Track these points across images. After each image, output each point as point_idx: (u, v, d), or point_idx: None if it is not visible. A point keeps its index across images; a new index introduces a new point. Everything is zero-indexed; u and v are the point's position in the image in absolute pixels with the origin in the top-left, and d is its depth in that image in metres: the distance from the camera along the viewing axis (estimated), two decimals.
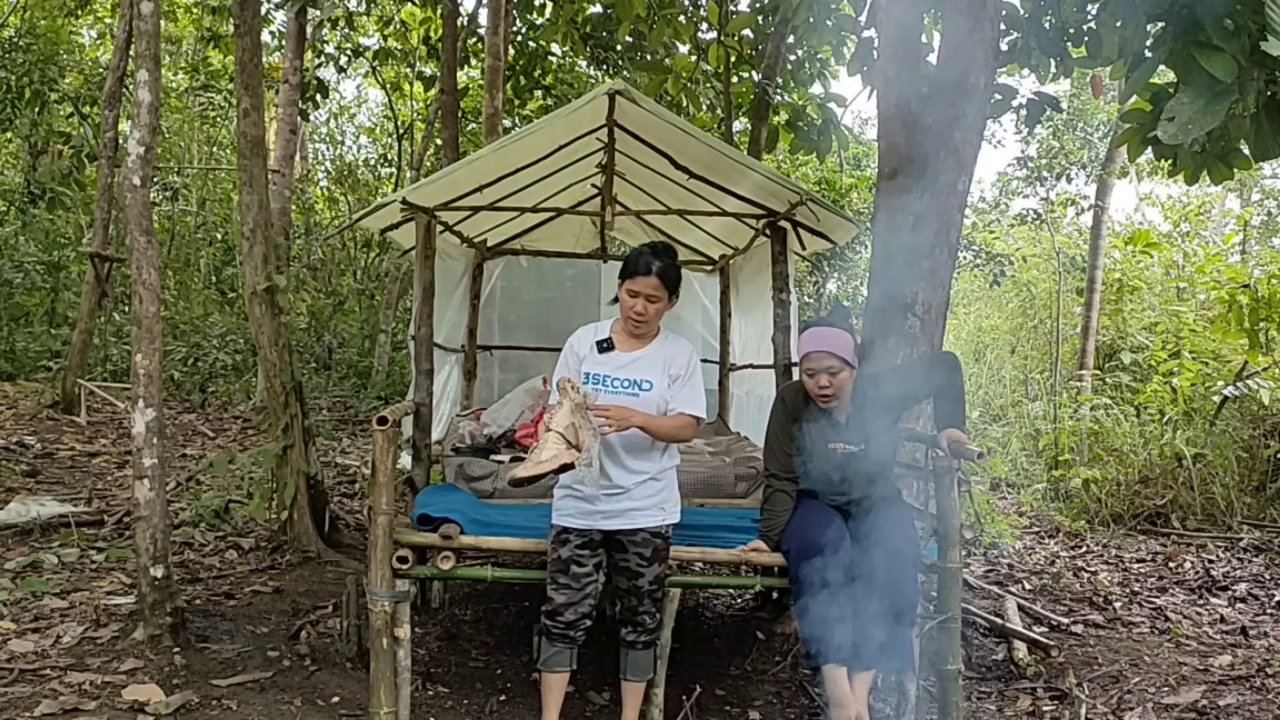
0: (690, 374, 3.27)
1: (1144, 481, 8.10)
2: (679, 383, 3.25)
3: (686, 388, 3.26)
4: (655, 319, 3.24)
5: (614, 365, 3.24)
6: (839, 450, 3.45)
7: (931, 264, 4.39)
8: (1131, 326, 11.19)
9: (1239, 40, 3.61)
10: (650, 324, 3.24)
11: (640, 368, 3.23)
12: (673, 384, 3.23)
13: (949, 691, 3.34)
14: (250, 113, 5.56)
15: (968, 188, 4.60)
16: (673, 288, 3.21)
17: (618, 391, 3.19)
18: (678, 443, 3.29)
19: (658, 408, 3.20)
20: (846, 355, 3.35)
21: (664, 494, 3.26)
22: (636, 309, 3.17)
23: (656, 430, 3.15)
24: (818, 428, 3.50)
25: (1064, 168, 14.15)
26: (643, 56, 9.97)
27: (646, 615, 3.33)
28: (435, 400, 5.07)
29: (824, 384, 3.35)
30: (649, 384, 3.21)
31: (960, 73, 4.38)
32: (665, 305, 3.22)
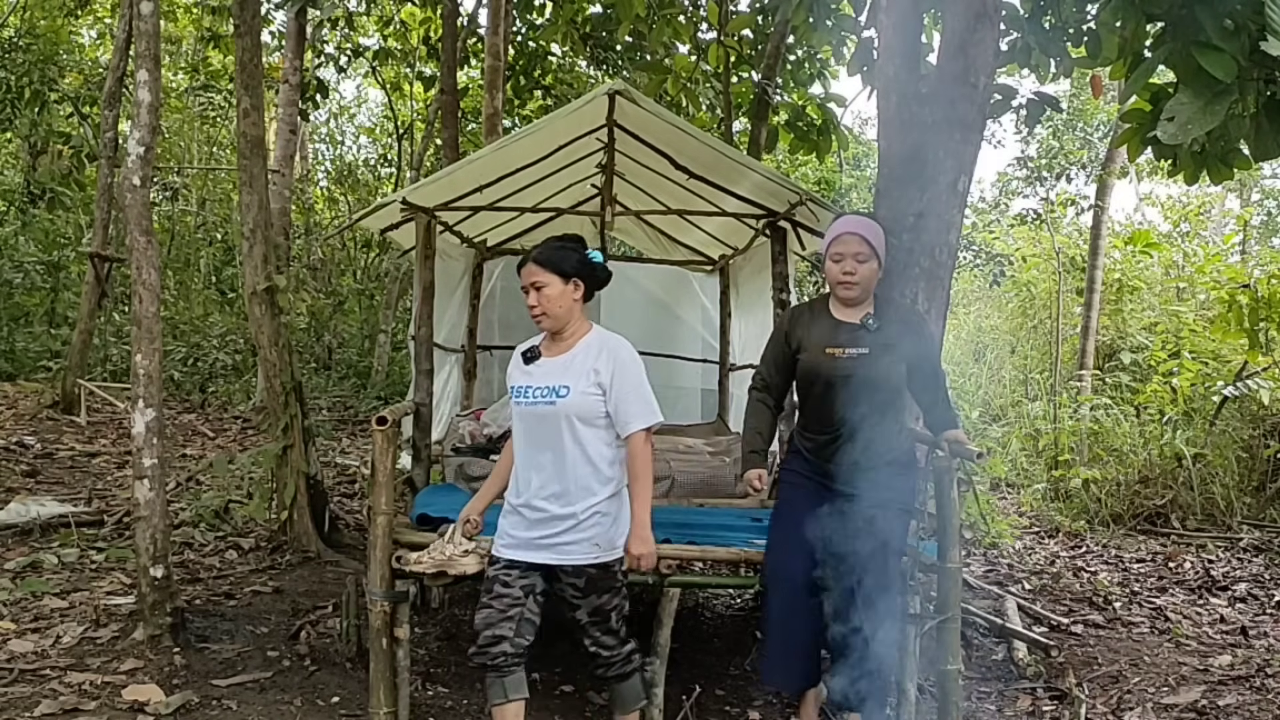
0: (625, 380, 2.94)
1: (1144, 481, 8.10)
2: (617, 394, 2.94)
3: (628, 399, 2.94)
4: (557, 311, 2.97)
5: (534, 375, 3.02)
6: (837, 355, 3.19)
7: (931, 264, 4.39)
8: (1131, 326, 11.19)
9: (1239, 40, 3.61)
10: (554, 319, 2.98)
11: (558, 373, 2.98)
12: (608, 395, 2.94)
13: (949, 691, 3.34)
14: (250, 113, 5.56)
15: (968, 188, 4.59)
16: (559, 270, 2.96)
17: (536, 402, 2.96)
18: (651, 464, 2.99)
19: (579, 414, 2.93)
20: (877, 245, 3.17)
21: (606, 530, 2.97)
22: (529, 303, 2.99)
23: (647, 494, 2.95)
24: (819, 330, 3.28)
25: (1064, 168, 14.16)
26: (642, 56, 9.98)
27: (601, 648, 3.06)
28: (435, 400, 5.07)
29: (849, 270, 3.15)
30: (565, 390, 2.93)
31: (960, 73, 4.38)
32: (561, 291, 2.95)
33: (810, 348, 3.24)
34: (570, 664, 4.27)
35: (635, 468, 2.96)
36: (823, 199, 4.77)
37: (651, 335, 6.98)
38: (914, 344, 3.20)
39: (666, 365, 6.96)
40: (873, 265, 3.17)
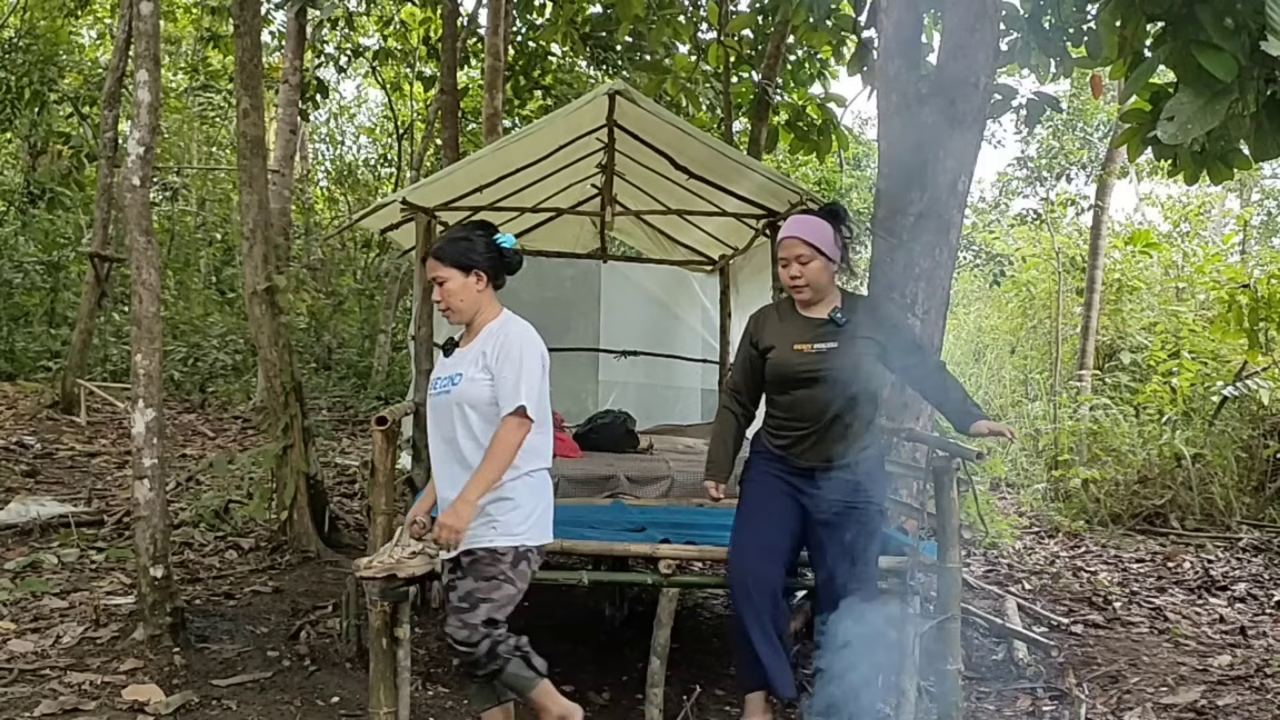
0: (506, 363, 2.85)
1: (1143, 481, 8.10)
2: (497, 377, 2.85)
3: (505, 382, 2.83)
4: (460, 305, 2.96)
5: (444, 367, 3.02)
6: (805, 351, 3.16)
7: (931, 264, 4.40)
8: (1131, 326, 11.18)
9: (1239, 40, 3.62)
10: (458, 312, 2.97)
11: (459, 361, 2.98)
12: (495, 377, 2.86)
13: (949, 691, 3.34)
14: (250, 113, 5.56)
15: (968, 188, 4.60)
16: (458, 263, 2.92)
17: (437, 393, 2.96)
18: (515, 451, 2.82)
19: (469, 401, 2.88)
20: (818, 243, 3.12)
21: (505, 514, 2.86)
22: (435, 299, 2.99)
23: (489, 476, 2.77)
24: (785, 329, 3.25)
25: (1064, 168, 14.15)
26: (642, 56, 9.97)
27: (453, 631, 2.86)
28: None
29: (795, 274, 3.14)
30: (459, 376, 2.91)
31: (960, 73, 4.38)
32: (463, 285, 2.92)
33: (779, 346, 3.22)
34: (570, 664, 4.26)
35: (492, 446, 2.79)
36: (823, 199, 4.77)
37: (651, 335, 6.99)
38: (884, 329, 3.19)
39: (666, 365, 6.96)
40: (818, 264, 3.13)
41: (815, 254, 3.11)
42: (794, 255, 3.13)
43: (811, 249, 3.11)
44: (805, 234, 3.12)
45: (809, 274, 3.13)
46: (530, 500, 2.90)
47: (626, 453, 5.15)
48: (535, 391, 2.84)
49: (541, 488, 2.97)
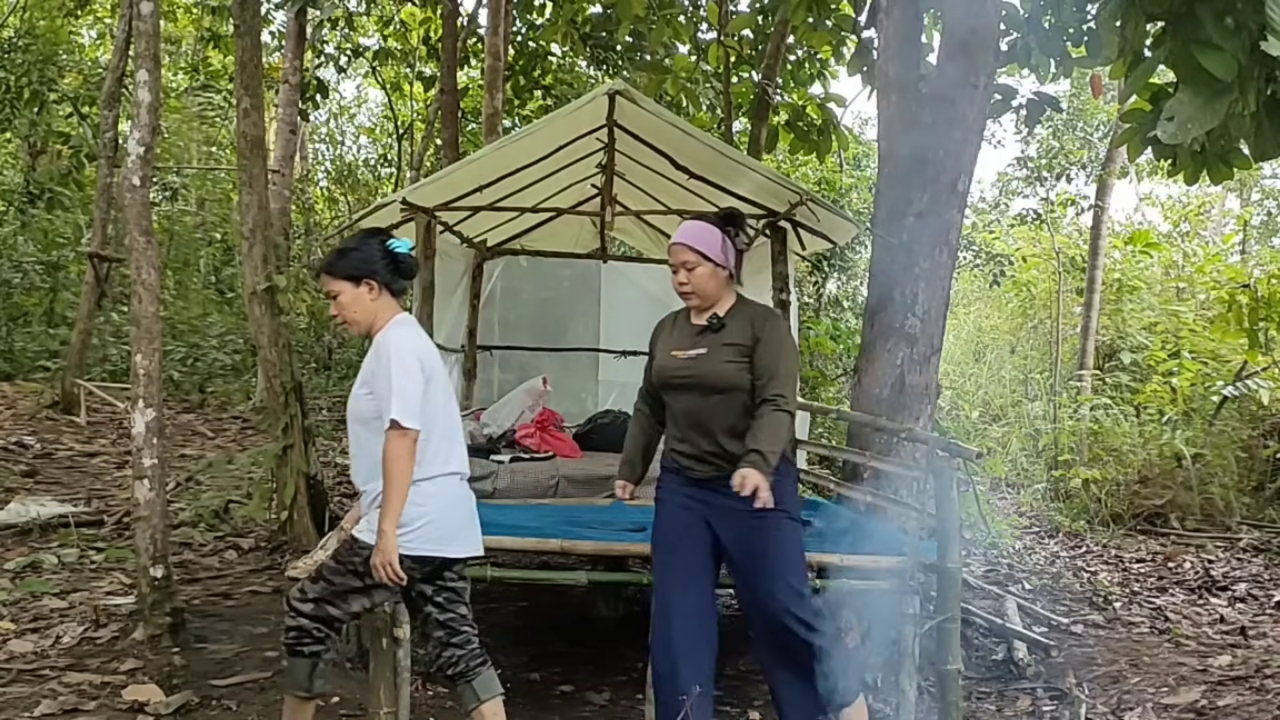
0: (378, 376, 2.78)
1: (1143, 481, 8.10)
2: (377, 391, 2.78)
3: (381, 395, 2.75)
4: (354, 317, 2.88)
5: None
6: (678, 356, 3.10)
7: (931, 264, 4.40)
8: (1131, 326, 11.18)
9: (1239, 39, 3.61)
10: (355, 324, 2.90)
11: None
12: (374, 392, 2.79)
13: (949, 691, 3.34)
14: (250, 113, 5.56)
15: (968, 188, 4.60)
16: (346, 275, 2.85)
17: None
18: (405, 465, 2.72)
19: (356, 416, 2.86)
20: (705, 249, 3.04)
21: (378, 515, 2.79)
22: (331, 313, 2.94)
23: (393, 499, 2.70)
24: (672, 335, 3.20)
25: (1064, 168, 14.14)
26: (642, 56, 9.97)
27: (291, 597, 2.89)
28: None
29: (682, 280, 3.07)
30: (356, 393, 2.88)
31: (960, 73, 4.38)
32: (355, 296, 2.85)
33: (660, 352, 3.19)
34: (569, 664, 4.27)
35: (384, 470, 2.72)
36: (823, 199, 4.77)
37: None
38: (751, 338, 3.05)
39: None
40: (705, 270, 3.05)
41: (701, 260, 3.05)
42: (680, 261, 3.08)
43: (698, 255, 3.05)
44: (691, 240, 3.07)
45: (695, 280, 3.07)
46: (410, 509, 2.75)
47: None
48: (409, 399, 2.72)
49: (431, 497, 2.81)
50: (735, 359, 3.04)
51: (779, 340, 3.06)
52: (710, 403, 3.05)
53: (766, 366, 3.01)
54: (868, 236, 5.94)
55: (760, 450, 2.88)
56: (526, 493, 4.39)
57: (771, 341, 3.04)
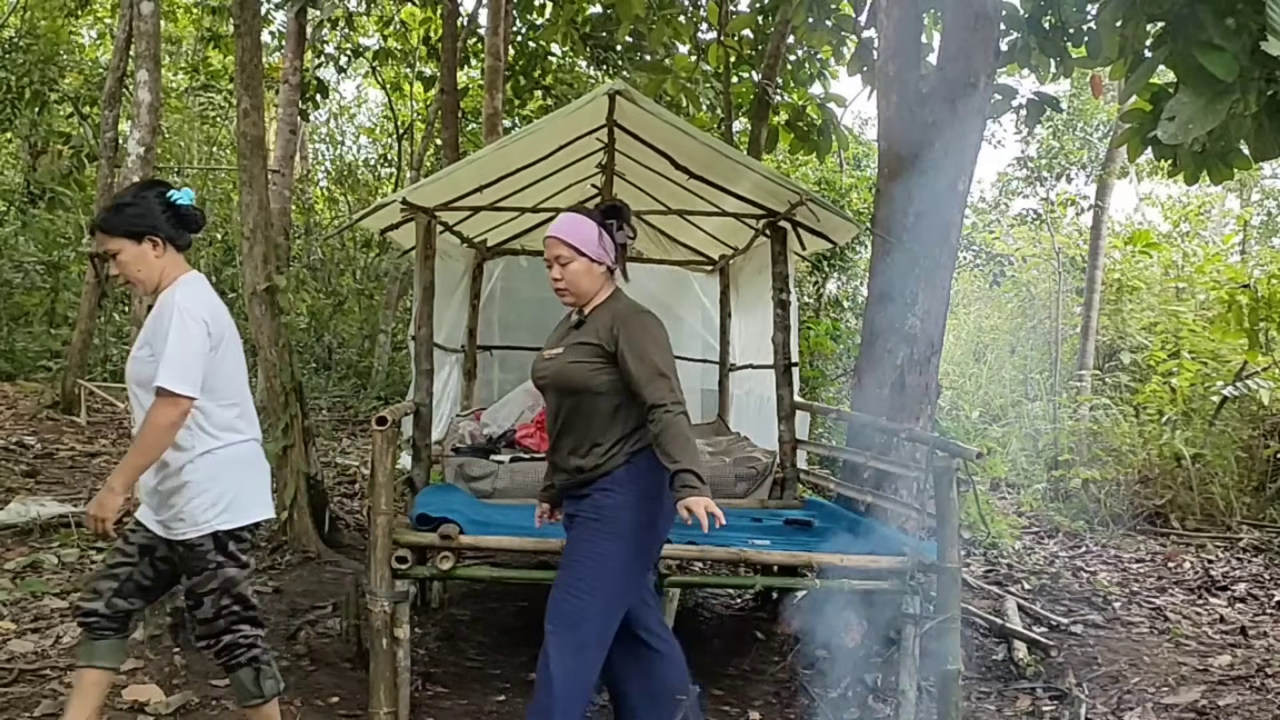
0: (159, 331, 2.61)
1: (1143, 481, 8.11)
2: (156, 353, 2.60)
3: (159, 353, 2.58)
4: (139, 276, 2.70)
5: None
6: (544, 356, 2.99)
7: (931, 264, 4.40)
8: (1131, 326, 11.19)
9: (1239, 40, 3.62)
10: (142, 284, 2.73)
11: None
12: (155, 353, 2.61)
13: (949, 691, 3.34)
14: (250, 113, 5.56)
15: (968, 188, 4.61)
16: (125, 232, 2.67)
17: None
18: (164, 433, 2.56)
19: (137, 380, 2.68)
20: (578, 244, 2.89)
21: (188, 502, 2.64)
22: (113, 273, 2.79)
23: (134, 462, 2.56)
24: (553, 335, 3.10)
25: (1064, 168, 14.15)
26: (642, 56, 9.97)
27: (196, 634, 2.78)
28: (435, 400, 5.07)
29: (556, 276, 2.95)
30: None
31: (960, 73, 4.39)
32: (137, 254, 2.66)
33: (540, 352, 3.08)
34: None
35: (139, 430, 2.57)
36: (823, 199, 4.77)
37: None
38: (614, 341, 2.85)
39: None
40: (580, 265, 2.91)
41: (575, 255, 2.91)
42: (554, 256, 2.94)
43: (571, 250, 2.91)
44: (564, 234, 2.92)
45: (569, 276, 2.94)
46: (214, 483, 2.65)
47: None
48: (186, 365, 2.56)
49: (229, 465, 2.70)
50: (585, 359, 2.88)
51: (640, 339, 2.84)
52: (566, 405, 2.92)
53: (634, 370, 2.81)
54: (868, 236, 5.95)
55: (682, 468, 2.69)
56: (526, 493, 4.39)
57: (633, 342, 2.84)
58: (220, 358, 2.69)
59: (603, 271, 2.97)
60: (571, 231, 2.93)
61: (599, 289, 2.99)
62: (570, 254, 2.92)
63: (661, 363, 2.83)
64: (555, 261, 2.95)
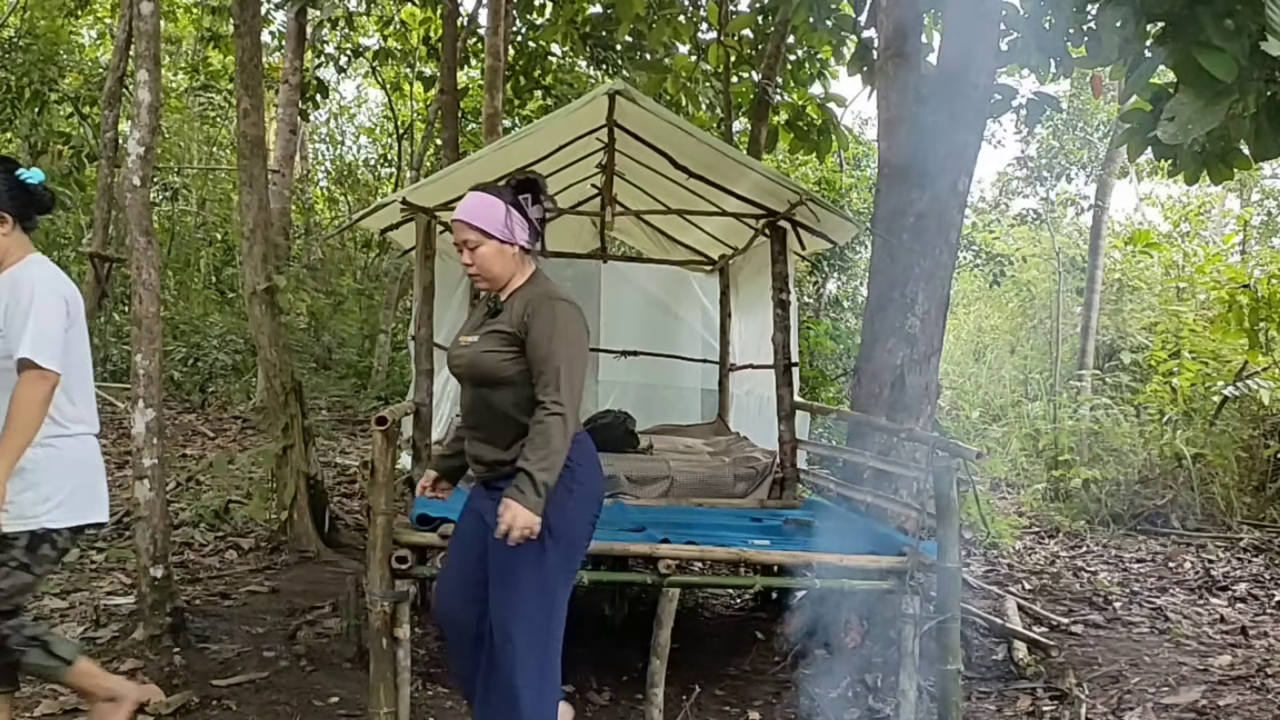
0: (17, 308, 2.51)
1: (1144, 481, 8.10)
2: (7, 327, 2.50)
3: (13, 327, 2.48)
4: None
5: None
6: (460, 343, 2.84)
7: (931, 264, 4.40)
8: (1131, 326, 11.20)
9: (1239, 40, 3.61)
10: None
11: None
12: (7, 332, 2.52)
13: (949, 691, 3.34)
14: (250, 113, 5.56)
15: (968, 188, 4.60)
16: None
17: None
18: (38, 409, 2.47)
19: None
20: (485, 225, 2.70)
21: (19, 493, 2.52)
22: None
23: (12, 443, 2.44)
24: (470, 321, 2.95)
25: (1064, 168, 14.17)
26: (642, 56, 9.97)
27: None
28: (435, 400, 5.07)
29: (466, 261, 2.77)
30: None
31: (960, 73, 4.38)
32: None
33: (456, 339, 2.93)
34: (569, 664, 4.26)
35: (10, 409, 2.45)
36: (823, 199, 4.77)
37: (651, 335, 6.99)
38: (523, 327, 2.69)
39: (666, 365, 6.96)
40: (489, 248, 2.72)
41: (483, 238, 2.72)
42: (461, 240, 2.76)
43: (479, 233, 2.71)
44: (469, 216, 2.72)
45: (478, 261, 2.74)
46: (51, 477, 2.57)
47: (626, 453, 5.15)
48: (49, 339, 2.48)
49: (71, 459, 2.63)
50: (498, 348, 2.71)
51: (549, 329, 2.65)
52: (479, 397, 2.77)
53: (535, 363, 2.65)
54: (868, 236, 5.95)
55: (528, 470, 2.54)
56: None
57: (541, 332, 2.65)
58: (72, 341, 2.63)
59: (516, 253, 2.77)
60: (476, 212, 2.73)
61: (515, 272, 2.79)
62: (477, 237, 2.72)
63: (561, 356, 2.63)
64: (464, 246, 2.76)
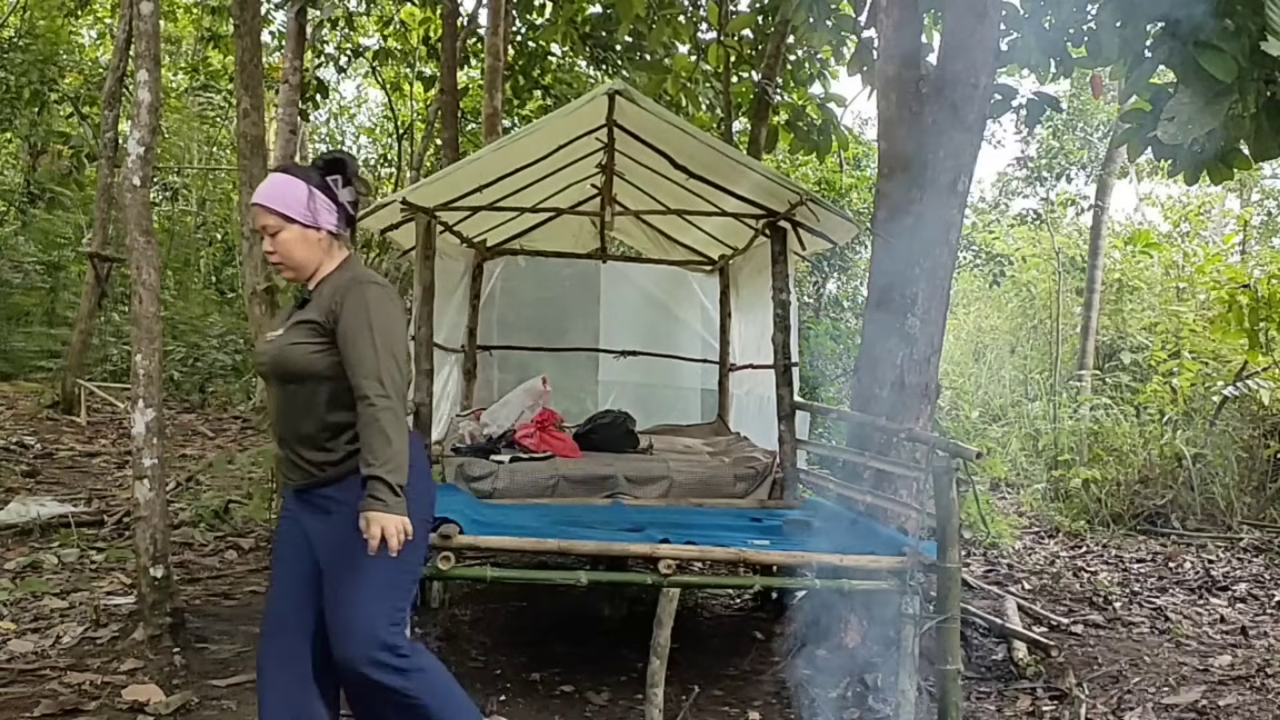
0: None
1: (1144, 481, 8.11)
2: None
3: None
4: None
5: None
6: (266, 339, 2.63)
7: (931, 264, 4.39)
8: (1131, 326, 11.20)
9: (1239, 40, 3.62)
10: None
11: None
12: None
13: (949, 691, 3.34)
14: (250, 113, 5.56)
15: (968, 188, 4.59)
16: None
17: None
18: None
19: None
20: (284, 209, 2.50)
21: None
22: None
23: None
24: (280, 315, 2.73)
25: (1064, 168, 14.17)
26: (642, 56, 9.97)
27: None
28: (435, 400, 5.07)
29: (268, 248, 2.57)
30: None
31: (960, 73, 4.38)
32: None
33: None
34: (569, 664, 4.27)
35: None
36: (823, 199, 4.77)
37: (651, 335, 6.99)
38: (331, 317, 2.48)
39: (666, 365, 6.96)
40: (291, 233, 2.52)
41: (284, 223, 2.51)
42: (261, 226, 2.55)
43: (279, 218, 2.51)
44: (266, 199, 2.52)
45: (280, 248, 2.54)
46: None
47: (626, 453, 5.15)
48: None
49: None
50: (306, 340, 2.50)
51: (359, 316, 2.45)
52: (287, 395, 2.55)
53: (348, 355, 2.44)
54: (868, 236, 5.95)
55: (378, 475, 2.35)
56: (526, 493, 4.39)
57: (351, 320, 2.44)
58: None
59: (322, 238, 2.57)
60: (274, 195, 2.52)
61: (323, 259, 2.59)
62: (277, 222, 2.52)
63: (376, 344, 2.43)
64: (264, 232, 2.55)
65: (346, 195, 2.61)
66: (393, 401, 2.41)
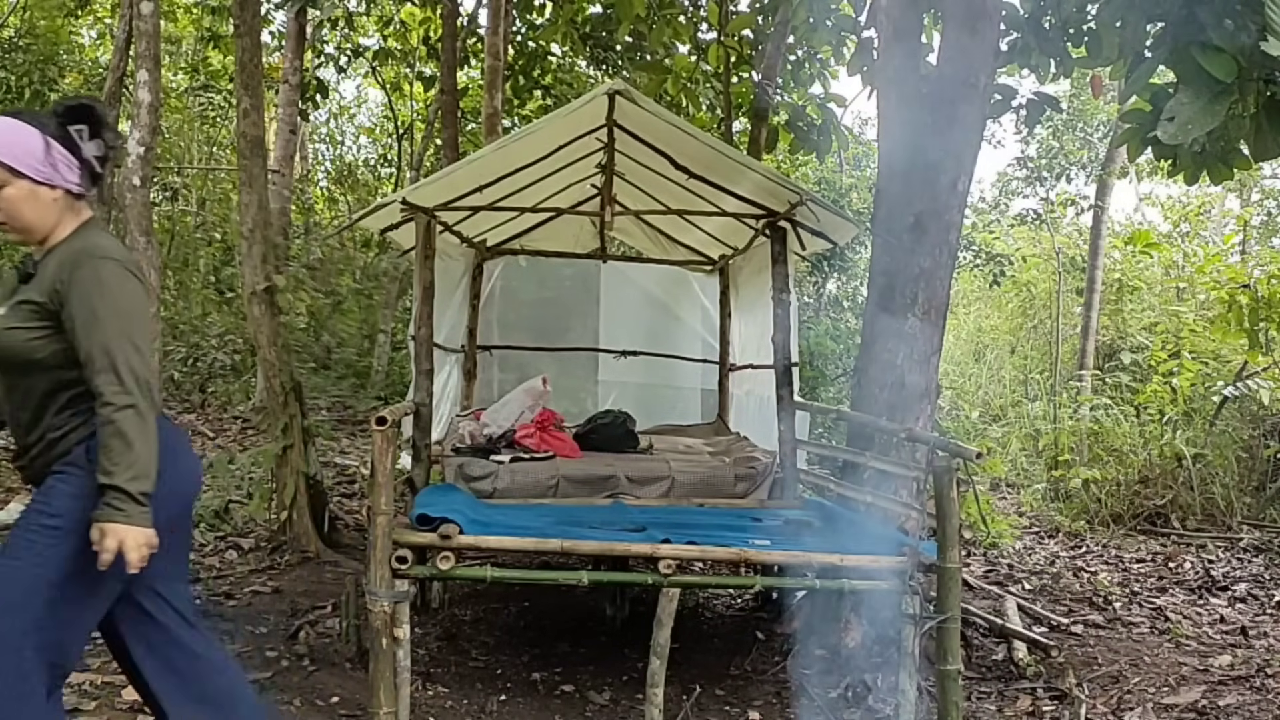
0: None
1: (1144, 481, 8.11)
2: None
3: None
4: None
5: None
6: None
7: (931, 264, 4.39)
8: (1131, 326, 11.20)
9: (1239, 40, 3.62)
10: None
11: None
12: None
13: (949, 691, 3.34)
14: (250, 113, 5.55)
15: (968, 188, 4.60)
16: None
17: None
18: None
19: None
20: (13, 161, 2.17)
21: None
22: None
23: None
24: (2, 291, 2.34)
25: (1064, 168, 14.17)
26: (643, 56, 9.97)
27: None
28: (435, 400, 5.07)
29: None
30: None
31: (960, 73, 4.38)
32: None
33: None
34: (570, 664, 4.27)
35: None
36: (823, 199, 4.77)
37: (651, 335, 6.99)
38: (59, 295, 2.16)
39: (666, 365, 6.96)
40: (18, 189, 2.18)
41: (11, 176, 2.17)
42: None
43: (6, 170, 2.16)
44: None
45: (5, 205, 2.19)
46: None
47: (626, 453, 5.15)
48: None
49: None
50: (24, 323, 2.18)
51: (90, 298, 2.13)
52: (10, 384, 2.25)
53: (78, 342, 2.13)
54: (868, 236, 5.95)
55: (117, 486, 2.07)
56: (526, 493, 4.40)
57: (80, 302, 2.12)
58: None
59: (58, 197, 2.23)
60: (2, 144, 2.16)
61: (57, 222, 2.25)
62: (4, 175, 2.17)
63: (110, 331, 2.13)
64: None
65: (92, 149, 2.28)
66: (133, 398, 2.12)
